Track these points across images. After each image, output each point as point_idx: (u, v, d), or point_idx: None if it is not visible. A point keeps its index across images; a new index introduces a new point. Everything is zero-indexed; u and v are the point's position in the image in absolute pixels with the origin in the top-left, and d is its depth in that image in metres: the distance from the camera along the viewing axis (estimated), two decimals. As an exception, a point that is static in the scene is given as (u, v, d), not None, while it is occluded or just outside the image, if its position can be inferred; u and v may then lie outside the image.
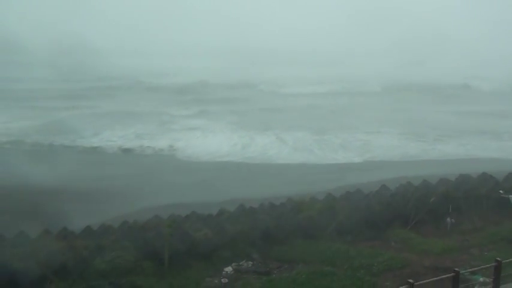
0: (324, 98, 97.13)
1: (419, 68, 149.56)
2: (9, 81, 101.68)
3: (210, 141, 57.43)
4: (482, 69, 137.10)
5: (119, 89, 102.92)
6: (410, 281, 16.69)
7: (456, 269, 17.94)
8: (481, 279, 20.53)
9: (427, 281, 18.21)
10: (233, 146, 55.15)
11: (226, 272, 22.13)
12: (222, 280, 21.38)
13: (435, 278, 18.37)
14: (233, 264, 22.80)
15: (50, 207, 30.50)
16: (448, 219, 27.66)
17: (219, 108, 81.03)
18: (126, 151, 52.94)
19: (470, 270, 20.42)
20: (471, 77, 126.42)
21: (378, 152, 53.22)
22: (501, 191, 30.94)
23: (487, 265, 19.79)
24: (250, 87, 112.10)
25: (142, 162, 48.73)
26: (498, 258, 18.65)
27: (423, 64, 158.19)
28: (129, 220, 27.41)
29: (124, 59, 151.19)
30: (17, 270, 19.95)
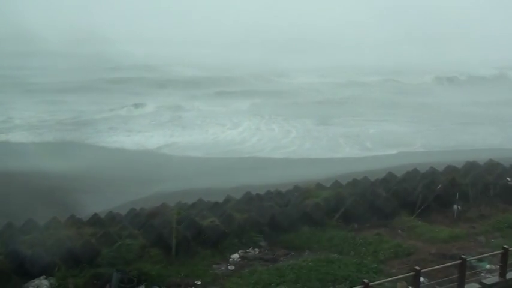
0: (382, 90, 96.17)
1: (453, 57, 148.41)
2: (30, 73, 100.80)
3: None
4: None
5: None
6: (417, 268, 16.73)
7: (463, 256, 17.93)
8: (488, 266, 20.53)
9: (433, 268, 18.25)
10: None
11: (233, 259, 22.22)
12: (229, 267, 21.46)
13: (442, 265, 18.40)
14: (240, 251, 22.88)
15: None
16: (455, 206, 27.59)
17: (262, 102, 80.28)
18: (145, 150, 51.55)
19: (477, 257, 20.39)
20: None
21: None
22: (508, 179, 30.84)
23: (494, 252, 19.78)
24: (293, 78, 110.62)
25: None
26: (505, 246, 18.63)
27: (454, 53, 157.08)
28: (136, 207, 27.59)
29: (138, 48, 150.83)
30: (26, 257, 20.15)
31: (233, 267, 21.41)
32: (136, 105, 74.12)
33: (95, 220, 25.69)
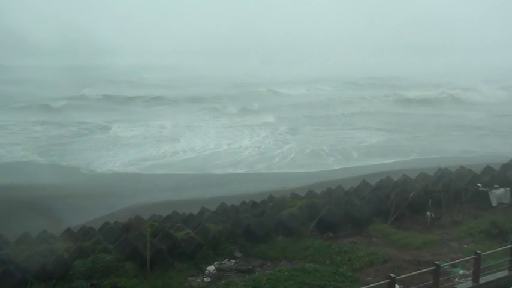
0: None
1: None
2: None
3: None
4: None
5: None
6: (392, 275, 16.85)
7: (436, 262, 18.15)
8: (461, 271, 20.77)
9: (408, 274, 18.40)
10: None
11: (209, 271, 22.08)
12: (205, 279, 21.32)
13: (416, 272, 18.56)
14: (216, 263, 22.75)
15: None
16: (428, 213, 27.95)
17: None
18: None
19: (450, 263, 20.66)
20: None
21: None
22: (479, 184, 31.35)
23: (467, 258, 20.06)
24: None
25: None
26: (478, 251, 18.93)
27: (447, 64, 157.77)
28: (110, 221, 27.25)
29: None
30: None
31: (209, 279, 21.27)
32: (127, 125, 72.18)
33: (68, 235, 25.29)
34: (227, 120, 78.52)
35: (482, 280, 18.81)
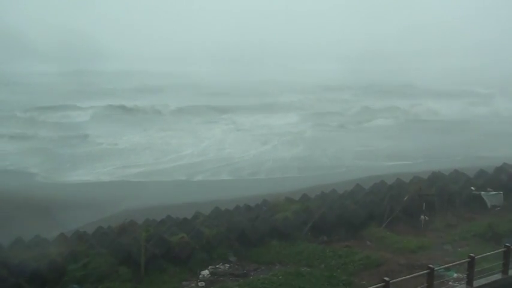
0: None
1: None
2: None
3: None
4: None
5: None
6: (386, 279, 16.86)
7: (431, 265, 18.16)
8: (455, 275, 20.82)
9: (402, 278, 18.41)
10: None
11: (203, 275, 22.05)
12: (199, 283, 21.28)
13: (410, 276, 18.57)
14: (210, 267, 22.72)
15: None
16: (422, 216, 28.01)
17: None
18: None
19: (444, 266, 20.67)
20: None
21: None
22: (472, 188, 31.45)
23: (461, 261, 20.10)
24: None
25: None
26: (471, 254, 18.96)
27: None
28: (103, 226, 27.14)
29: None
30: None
31: (203, 284, 21.23)
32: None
33: (61, 240, 25.17)
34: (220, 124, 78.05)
35: (476, 283, 18.83)
